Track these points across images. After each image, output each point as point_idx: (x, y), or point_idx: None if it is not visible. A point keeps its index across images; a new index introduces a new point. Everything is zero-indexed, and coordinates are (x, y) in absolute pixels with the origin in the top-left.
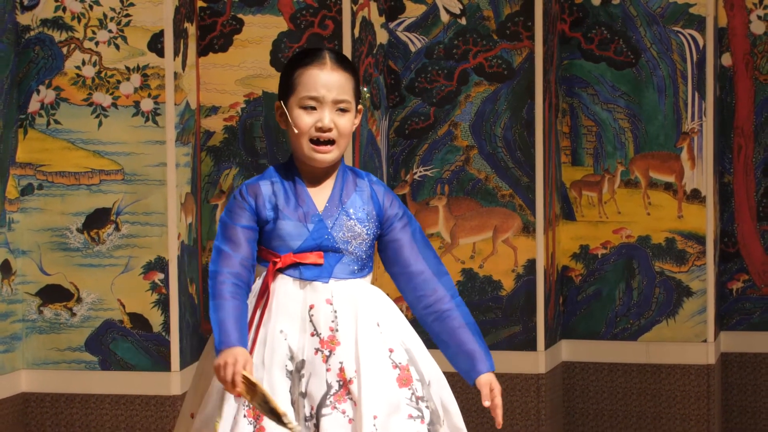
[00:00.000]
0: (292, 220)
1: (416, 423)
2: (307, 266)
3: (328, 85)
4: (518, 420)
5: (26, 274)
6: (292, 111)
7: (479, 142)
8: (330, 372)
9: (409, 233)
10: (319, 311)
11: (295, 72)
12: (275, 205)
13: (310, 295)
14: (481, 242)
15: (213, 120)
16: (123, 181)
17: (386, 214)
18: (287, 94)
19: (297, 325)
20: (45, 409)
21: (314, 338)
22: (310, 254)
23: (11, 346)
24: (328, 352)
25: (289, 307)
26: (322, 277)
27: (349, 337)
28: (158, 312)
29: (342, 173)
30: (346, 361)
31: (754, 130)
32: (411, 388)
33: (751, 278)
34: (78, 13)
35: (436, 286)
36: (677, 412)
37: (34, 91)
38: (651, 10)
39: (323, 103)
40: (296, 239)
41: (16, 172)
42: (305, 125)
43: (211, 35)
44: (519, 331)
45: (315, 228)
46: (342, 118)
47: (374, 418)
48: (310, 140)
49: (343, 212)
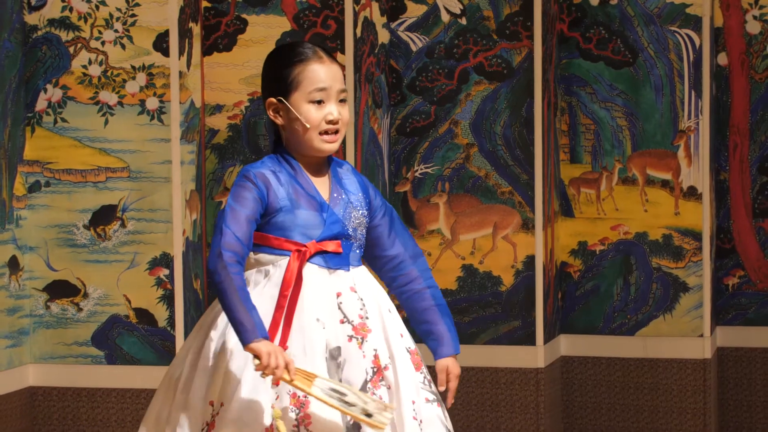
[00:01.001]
0: (307, 210)
1: (434, 406)
2: (330, 254)
3: (332, 77)
4: (518, 413)
5: (33, 270)
6: (299, 107)
7: (479, 140)
8: (365, 359)
9: (388, 219)
10: (347, 299)
11: (293, 68)
12: (288, 194)
13: (336, 283)
14: (481, 238)
15: (217, 118)
16: (129, 178)
17: (373, 203)
18: (287, 91)
19: (328, 313)
20: (52, 402)
21: (345, 325)
22: (330, 243)
23: (19, 340)
24: (361, 339)
25: (319, 295)
26: (343, 265)
27: (377, 324)
28: (163, 307)
29: (332, 163)
30: (379, 348)
31: (749, 128)
32: (422, 371)
33: (746, 274)
34: (84, 13)
35: (411, 268)
36: (674, 405)
37: (41, 90)
38: (648, 10)
39: (330, 95)
40: (315, 228)
41: (24, 170)
42: (316, 119)
43: (215, 35)
44: (518, 326)
45: (329, 217)
46: (344, 109)
47: (413, 403)
48: (320, 133)
49: (347, 201)
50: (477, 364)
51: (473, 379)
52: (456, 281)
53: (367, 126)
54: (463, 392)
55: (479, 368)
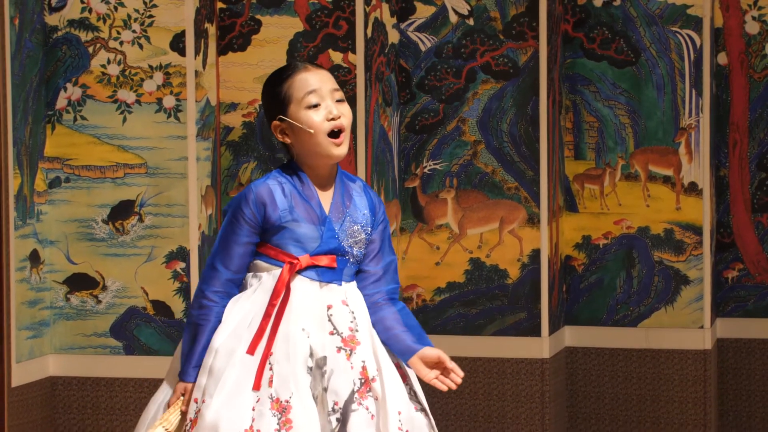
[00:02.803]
0: (306, 223)
1: (421, 416)
2: (323, 269)
3: (320, 79)
4: (524, 402)
5: (54, 264)
6: (298, 116)
7: (486, 137)
8: (353, 370)
9: (383, 237)
10: (338, 311)
11: (283, 85)
12: (289, 207)
13: (327, 296)
14: (487, 233)
15: (232, 116)
16: (146, 174)
17: (377, 221)
18: (284, 106)
19: (316, 324)
20: (72, 391)
21: (334, 337)
22: (324, 257)
23: (40, 332)
24: (350, 351)
25: (308, 307)
26: (336, 279)
27: (366, 336)
28: (180, 299)
29: (340, 177)
30: (367, 360)
31: (748, 126)
32: (408, 382)
33: (745, 267)
34: (103, 14)
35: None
36: (675, 395)
37: (61, 89)
38: (650, 11)
39: (323, 96)
40: (312, 242)
41: (45, 166)
42: (317, 121)
43: (230, 35)
44: (524, 317)
45: (327, 232)
46: (343, 107)
47: (399, 413)
48: (327, 135)
49: (348, 216)
50: (484, 355)
51: (480, 370)
52: (464, 274)
53: (377, 124)
54: (471, 382)
55: (486, 359)
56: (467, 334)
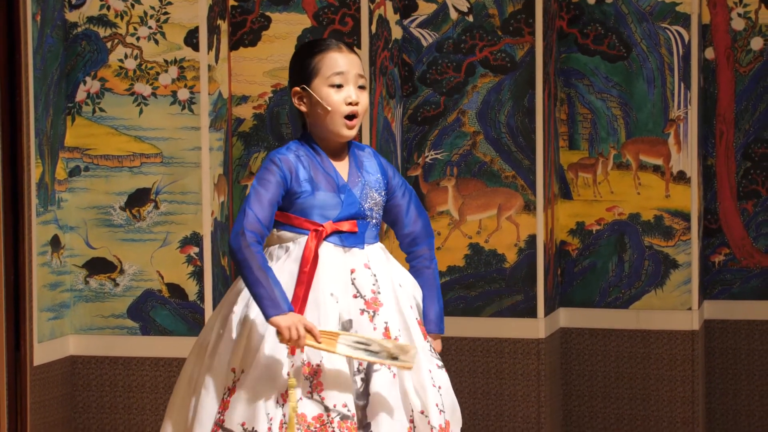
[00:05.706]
0: (326, 191)
1: (443, 371)
2: (346, 234)
3: (350, 63)
4: (520, 381)
5: (74, 248)
6: (320, 91)
7: (485, 128)
8: (376, 331)
9: (407, 200)
10: (361, 275)
11: (314, 58)
12: (309, 177)
13: (350, 260)
14: (486, 219)
15: (243, 108)
16: (161, 163)
17: (391, 183)
18: (309, 78)
19: (341, 288)
20: (91, 370)
21: (358, 300)
22: (346, 222)
23: (60, 313)
24: (372, 313)
25: (334, 272)
26: (358, 243)
27: (389, 298)
28: (194, 282)
29: (352, 147)
30: (390, 321)
31: (734, 118)
32: (428, 340)
33: (731, 252)
34: (121, 11)
35: (423, 247)
36: (664, 374)
37: (81, 82)
38: (641, 8)
39: (348, 79)
40: (333, 209)
41: (65, 156)
42: (336, 102)
43: (241, 31)
44: (521, 299)
45: (347, 198)
46: (362, 95)
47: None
48: (343, 116)
49: (365, 182)
50: (482, 335)
51: (479, 349)
52: (463, 258)
53: (381, 115)
54: (470, 361)
55: (485, 339)
56: (467, 316)
